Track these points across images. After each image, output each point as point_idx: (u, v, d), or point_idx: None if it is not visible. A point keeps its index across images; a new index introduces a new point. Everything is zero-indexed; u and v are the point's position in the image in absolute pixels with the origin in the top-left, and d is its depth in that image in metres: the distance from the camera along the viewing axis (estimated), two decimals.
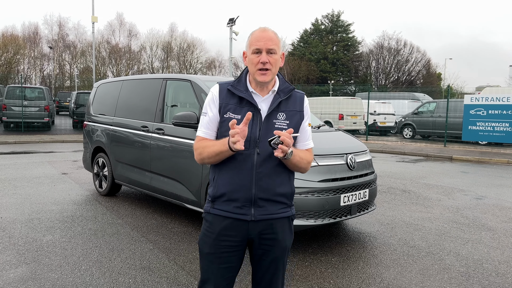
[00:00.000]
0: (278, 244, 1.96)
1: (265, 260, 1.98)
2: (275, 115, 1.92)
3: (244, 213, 1.90)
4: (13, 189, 6.82)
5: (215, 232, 1.93)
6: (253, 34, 1.92)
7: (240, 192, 1.88)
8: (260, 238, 1.94)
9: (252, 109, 1.90)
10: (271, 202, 1.92)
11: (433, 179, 8.92)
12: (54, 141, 15.08)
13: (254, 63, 1.88)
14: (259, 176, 1.88)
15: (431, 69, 54.46)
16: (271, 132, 1.88)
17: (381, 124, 21.28)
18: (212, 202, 1.97)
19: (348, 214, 4.32)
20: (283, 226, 1.98)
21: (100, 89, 7.01)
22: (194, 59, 56.20)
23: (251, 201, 1.89)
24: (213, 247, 1.93)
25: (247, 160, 1.87)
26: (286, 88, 1.98)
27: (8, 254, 3.97)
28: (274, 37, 1.89)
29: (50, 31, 52.64)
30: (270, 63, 1.87)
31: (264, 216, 1.92)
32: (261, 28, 1.92)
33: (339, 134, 5.09)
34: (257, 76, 1.89)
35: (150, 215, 5.48)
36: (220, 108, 1.94)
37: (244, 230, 1.92)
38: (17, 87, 17.80)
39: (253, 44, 1.88)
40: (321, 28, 56.21)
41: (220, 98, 1.94)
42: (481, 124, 14.61)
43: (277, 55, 1.90)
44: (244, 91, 1.93)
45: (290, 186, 2.00)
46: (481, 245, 4.60)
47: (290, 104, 1.97)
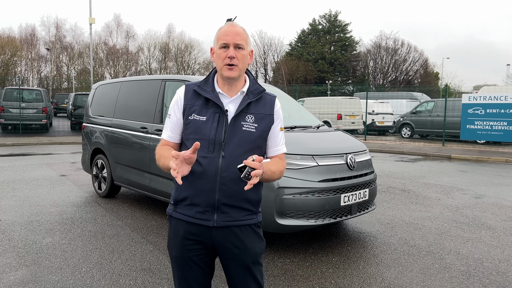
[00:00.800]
0: (246, 252, 1.86)
1: (235, 269, 1.88)
2: (243, 117, 1.83)
3: (206, 219, 1.81)
4: (12, 192, 6.80)
5: (180, 235, 1.85)
6: (220, 29, 1.84)
7: (202, 196, 1.79)
8: (225, 246, 1.84)
9: (218, 110, 1.82)
10: (235, 208, 1.83)
11: (432, 178, 8.94)
12: (52, 143, 15.04)
13: (221, 58, 1.79)
14: (223, 181, 1.78)
15: (429, 68, 54.55)
16: (238, 134, 1.80)
17: (380, 123, 21.32)
18: (174, 205, 1.89)
19: (348, 214, 4.32)
20: (249, 234, 1.87)
21: (98, 91, 6.99)
22: (192, 60, 56.19)
23: (213, 207, 1.80)
24: (180, 250, 1.85)
25: (211, 164, 1.77)
26: (256, 89, 1.90)
27: (8, 257, 3.95)
28: (242, 32, 1.82)
29: (47, 32, 52.56)
30: (237, 59, 1.79)
31: (227, 222, 1.82)
32: (229, 23, 1.85)
33: (339, 134, 5.09)
34: (224, 72, 1.80)
35: (150, 217, 5.47)
36: (184, 110, 1.86)
37: (208, 236, 1.83)
38: (15, 89, 17.77)
39: (220, 38, 1.80)
40: (318, 28, 56.25)
41: (185, 100, 1.86)
42: (479, 123, 14.64)
43: (245, 51, 1.82)
44: (210, 92, 1.84)
45: (257, 193, 1.90)
46: (481, 244, 4.61)
47: (260, 107, 1.88)
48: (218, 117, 1.81)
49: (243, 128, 1.82)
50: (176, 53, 55.31)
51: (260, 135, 1.86)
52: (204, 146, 1.79)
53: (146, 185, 5.43)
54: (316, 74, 52.03)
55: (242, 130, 1.82)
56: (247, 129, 1.83)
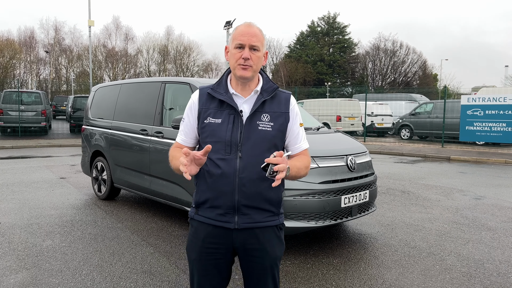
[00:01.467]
0: (267, 255, 1.85)
1: (254, 271, 1.87)
2: (258, 116, 1.82)
3: (227, 221, 1.81)
4: (12, 194, 6.78)
5: (200, 238, 1.85)
6: (237, 28, 1.82)
7: (222, 198, 1.79)
8: (246, 248, 1.84)
9: (233, 111, 1.81)
10: (256, 209, 1.82)
11: (431, 179, 8.94)
12: (51, 145, 15.03)
13: (236, 58, 1.79)
14: (242, 182, 1.77)
15: (427, 70, 54.65)
16: (254, 134, 1.80)
17: (379, 125, 21.34)
18: (196, 208, 1.90)
19: (349, 216, 4.32)
20: (270, 236, 1.86)
21: (98, 93, 6.99)
22: (191, 62, 56.19)
23: (234, 208, 1.79)
24: (199, 253, 1.86)
25: (229, 166, 1.77)
26: (270, 87, 1.89)
27: (8, 260, 3.94)
28: (259, 33, 1.80)
29: (46, 35, 52.48)
30: (252, 60, 1.78)
31: (248, 224, 1.81)
32: (246, 23, 1.83)
33: (339, 136, 5.10)
34: (237, 71, 1.79)
35: (150, 219, 5.46)
36: (200, 114, 1.86)
37: (229, 238, 1.83)
38: (14, 91, 17.75)
39: (236, 38, 1.79)
40: (317, 30, 56.36)
41: (200, 104, 1.87)
42: (478, 124, 14.66)
43: (260, 52, 1.81)
44: (224, 94, 1.84)
45: (278, 193, 1.88)
46: (482, 245, 4.61)
47: (274, 105, 1.87)
48: (233, 118, 1.81)
49: (259, 128, 1.81)
50: (175, 55, 55.32)
51: (277, 133, 1.85)
52: (221, 148, 1.79)
53: (146, 187, 5.42)
54: (315, 76, 52.10)
55: (258, 130, 1.81)
56: (263, 128, 1.82)
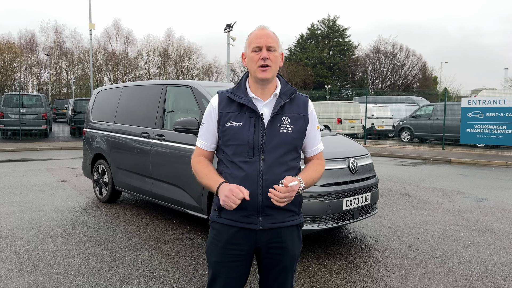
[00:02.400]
0: (287, 253, 1.91)
1: (273, 270, 1.93)
2: (279, 119, 1.86)
3: (251, 222, 1.85)
4: (13, 197, 6.78)
5: (223, 241, 1.88)
6: (252, 33, 1.89)
7: (246, 200, 1.81)
8: (268, 247, 1.89)
9: (253, 114, 1.85)
10: (279, 210, 1.86)
11: (432, 182, 8.94)
12: (52, 148, 15.03)
13: (255, 61, 1.83)
14: (266, 184, 1.82)
15: (427, 72, 54.70)
16: (276, 137, 1.84)
17: (379, 127, 21.35)
18: (219, 211, 1.91)
19: (350, 218, 4.32)
20: (292, 234, 1.93)
21: (99, 96, 7.00)
22: (191, 65, 56.25)
23: (258, 210, 1.84)
24: (221, 255, 1.89)
25: (253, 168, 1.82)
26: (289, 90, 1.93)
27: (10, 263, 3.93)
28: (273, 35, 1.87)
29: (46, 38, 52.63)
30: (270, 60, 1.83)
31: (272, 224, 1.87)
32: (259, 26, 1.89)
33: (340, 138, 5.10)
34: (258, 73, 1.84)
35: (152, 222, 5.45)
36: (220, 118, 1.89)
37: (252, 239, 1.87)
38: (15, 94, 17.79)
39: (253, 42, 1.85)
40: (317, 33, 56.43)
41: (220, 108, 1.90)
42: (479, 126, 14.66)
43: (277, 52, 1.87)
44: (244, 97, 1.87)
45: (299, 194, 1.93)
46: (484, 248, 4.60)
47: (294, 108, 1.91)
48: (254, 122, 1.84)
49: (280, 131, 1.86)
50: (175, 58, 55.39)
51: (297, 136, 1.90)
52: (244, 151, 1.83)
53: (148, 190, 5.42)
54: (315, 79, 52.14)
55: (280, 133, 1.85)
56: (284, 131, 1.86)
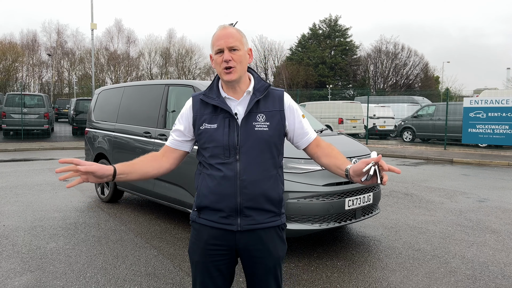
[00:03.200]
0: (270, 255, 1.87)
1: (256, 272, 1.88)
2: (253, 117, 1.81)
3: (229, 223, 1.81)
4: (15, 197, 6.80)
5: (203, 241, 1.86)
6: (214, 35, 1.81)
7: (224, 201, 1.79)
8: (249, 250, 1.85)
9: (227, 115, 1.81)
10: (258, 211, 1.82)
11: (434, 182, 8.92)
12: (54, 148, 15.06)
13: (219, 63, 1.78)
14: (244, 184, 1.77)
15: (429, 72, 54.65)
16: (251, 136, 1.79)
17: (381, 127, 21.32)
18: (198, 211, 1.89)
19: (352, 218, 4.31)
20: (273, 236, 1.87)
21: (101, 96, 7.01)
22: (193, 65, 56.34)
23: (236, 211, 1.80)
24: (202, 255, 1.86)
25: (230, 169, 1.78)
26: (262, 86, 1.87)
27: (12, 262, 3.94)
28: (235, 33, 1.79)
29: (48, 38, 52.77)
30: (234, 60, 1.77)
31: (251, 226, 1.82)
32: (221, 26, 1.82)
33: (342, 138, 5.10)
34: (223, 76, 1.79)
35: (154, 221, 5.46)
36: (195, 121, 1.86)
37: (231, 240, 1.83)
38: (17, 94, 17.82)
39: (214, 44, 1.79)
40: (318, 33, 56.43)
41: (194, 111, 1.87)
42: (481, 126, 14.63)
43: (241, 51, 1.79)
44: (216, 98, 1.83)
45: (278, 192, 1.88)
46: (486, 248, 4.59)
47: (269, 104, 1.85)
48: (229, 122, 1.80)
49: (256, 129, 1.80)
50: (177, 58, 55.46)
51: (274, 133, 1.83)
52: (220, 152, 1.80)
53: (150, 189, 5.42)
54: (316, 79, 52.14)
55: (255, 131, 1.80)
56: (260, 128, 1.81)
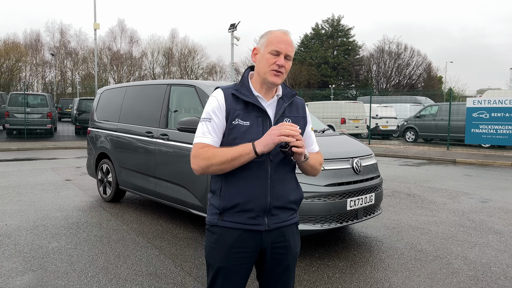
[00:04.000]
0: (290, 251, 1.93)
1: (277, 270, 1.92)
2: (281, 120, 1.88)
3: (257, 223, 1.83)
4: (18, 196, 6.82)
5: (227, 245, 1.83)
6: (273, 33, 1.83)
7: (255, 201, 1.80)
8: (273, 247, 1.89)
9: (260, 114, 1.84)
10: (284, 209, 1.88)
11: (437, 182, 8.89)
12: (57, 147, 15.10)
13: (269, 63, 1.80)
14: (274, 184, 1.82)
15: (432, 72, 54.49)
16: None
17: (383, 127, 21.27)
18: (220, 214, 1.85)
19: (354, 219, 4.30)
20: (293, 232, 1.95)
21: (104, 96, 7.02)
22: (195, 65, 56.39)
23: (265, 211, 1.82)
24: (225, 260, 1.84)
25: (261, 168, 1.80)
26: (289, 93, 1.95)
27: (14, 261, 3.95)
28: (293, 44, 1.87)
29: (52, 38, 53.16)
30: (284, 68, 1.82)
31: (277, 224, 1.87)
32: (283, 30, 1.86)
33: (344, 138, 5.08)
34: (269, 76, 1.81)
35: (155, 221, 5.46)
36: (228, 114, 1.82)
37: (257, 241, 1.85)
38: (20, 94, 17.88)
39: (273, 44, 1.80)
40: (321, 33, 56.35)
41: (227, 104, 1.83)
42: (484, 127, 14.57)
43: (291, 62, 1.87)
44: (249, 95, 1.85)
45: (300, 192, 1.97)
46: (489, 249, 4.57)
47: (293, 110, 1.96)
48: (262, 121, 1.84)
49: None
50: (179, 58, 55.54)
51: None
52: None
53: (151, 189, 5.43)
54: (319, 79, 52.07)
55: None
56: None
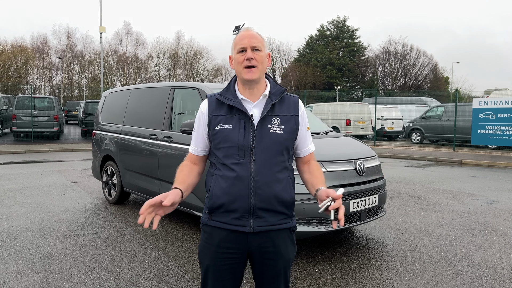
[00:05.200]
0: (281, 257, 1.88)
1: (267, 274, 1.89)
2: (269, 120, 1.85)
3: (242, 225, 1.82)
4: (24, 198, 6.88)
5: (214, 244, 1.86)
6: (236, 36, 1.88)
7: (238, 202, 1.80)
8: (261, 252, 1.86)
9: (243, 116, 1.83)
10: (271, 212, 1.84)
11: (442, 183, 8.84)
12: (63, 150, 15.22)
13: (240, 62, 1.83)
14: (257, 185, 1.80)
15: (438, 73, 54.20)
16: (266, 138, 1.83)
17: (389, 129, 21.18)
18: (209, 214, 1.89)
19: (357, 220, 4.29)
20: (284, 238, 1.89)
21: (108, 98, 7.07)
22: (201, 67, 56.59)
23: (249, 212, 1.81)
24: (213, 259, 1.86)
25: (244, 169, 1.80)
26: (278, 90, 1.92)
27: (19, 263, 3.99)
28: (257, 35, 1.85)
29: (58, 41, 53.41)
30: (255, 60, 1.81)
31: (263, 227, 1.83)
32: (243, 28, 1.89)
33: (347, 140, 5.08)
34: (244, 74, 1.82)
35: (159, 223, 5.49)
36: (210, 121, 1.87)
37: (244, 242, 1.84)
38: (27, 97, 18.04)
39: (237, 44, 1.85)
40: (326, 34, 56.31)
41: (209, 112, 1.88)
42: (491, 128, 14.46)
43: (263, 52, 1.85)
44: (233, 99, 1.86)
45: (291, 195, 1.90)
46: (494, 251, 4.54)
47: (284, 108, 1.90)
48: (244, 123, 1.83)
49: (271, 131, 1.84)
50: (185, 61, 55.75)
51: (288, 136, 1.88)
52: (235, 152, 1.82)
53: (156, 191, 5.45)
54: (324, 80, 52.00)
55: (270, 133, 1.84)
56: (275, 131, 1.85)
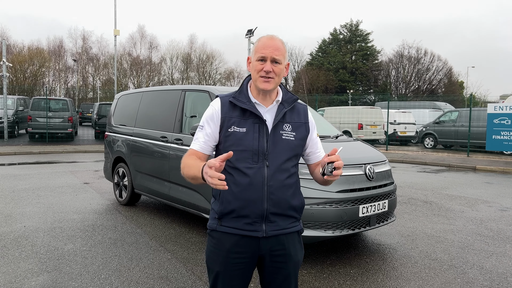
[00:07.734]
0: (291, 260, 1.90)
1: (277, 278, 1.90)
2: (281, 126, 1.87)
3: (255, 230, 1.83)
4: (37, 198, 6.99)
5: (225, 250, 1.85)
6: (260, 40, 1.85)
7: (251, 207, 1.80)
8: (271, 255, 1.87)
9: (257, 120, 1.84)
10: (282, 216, 1.86)
11: (455, 189, 8.71)
12: (77, 151, 15.42)
13: (257, 70, 1.82)
14: (271, 190, 1.81)
15: (453, 77, 53.52)
16: (279, 143, 1.84)
17: (402, 133, 20.96)
18: (219, 219, 1.87)
19: (367, 225, 4.26)
20: (294, 241, 1.92)
21: (121, 101, 7.16)
22: (213, 70, 56.86)
23: (262, 217, 1.82)
24: (223, 264, 1.85)
25: (257, 174, 1.80)
26: (290, 98, 1.94)
27: (30, 262, 4.06)
28: (281, 46, 1.83)
29: (74, 44, 54.17)
30: (274, 72, 1.81)
31: (275, 231, 1.85)
32: (269, 35, 1.86)
33: (358, 144, 5.05)
34: (259, 83, 1.82)
35: (169, 225, 5.52)
36: (223, 123, 1.85)
37: (255, 247, 1.85)
38: (42, 98, 18.33)
39: (259, 51, 1.82)
40: (339, 38, 56.14)
41: (222, 112, 1.86)
42: (506, 133, 14.19)
43: (282, 65, 1.84)
44: (247, 102, 1.86)
45: (301, 199, 1.93)
46: (506, 258, 4.45)
47: (295, 115, 1.93)
48: (258, 127, 1.84)
49: (283, 137, 1.87)
50: (197, 64, 56.10)
51: (299, 143, 1.92)
52: (248, 157, 1.81)
53: (166, 193, 5.49)
54: (337, 84, 51.81)
55: (282, 139, 1.86)
56: (287, 137, 1.87)
